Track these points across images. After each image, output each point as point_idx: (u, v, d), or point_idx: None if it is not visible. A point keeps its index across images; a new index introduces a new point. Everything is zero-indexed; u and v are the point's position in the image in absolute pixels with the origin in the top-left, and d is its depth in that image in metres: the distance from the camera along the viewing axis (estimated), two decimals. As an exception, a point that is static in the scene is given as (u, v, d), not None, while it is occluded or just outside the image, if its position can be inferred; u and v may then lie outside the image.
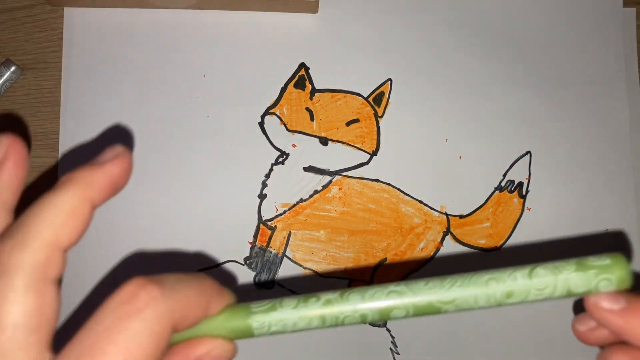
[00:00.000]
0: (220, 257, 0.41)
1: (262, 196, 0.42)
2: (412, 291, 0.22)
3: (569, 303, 0.42)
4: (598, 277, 0.21)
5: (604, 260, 0.22)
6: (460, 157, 0.43)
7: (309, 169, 0.42)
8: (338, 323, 0.22)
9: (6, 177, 0.21)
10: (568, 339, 0.42)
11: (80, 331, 0.18)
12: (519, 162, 0.43)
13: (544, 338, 0.42)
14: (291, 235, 0.41)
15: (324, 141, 0.42)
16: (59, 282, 0.19)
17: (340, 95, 0.42)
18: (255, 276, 0.41)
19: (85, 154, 0.41)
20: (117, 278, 0.40)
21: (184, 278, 0.21)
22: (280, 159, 0.42)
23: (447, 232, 0.42)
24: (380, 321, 0.22)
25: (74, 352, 0.18)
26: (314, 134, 0.42)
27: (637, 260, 0.43)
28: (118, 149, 0.22)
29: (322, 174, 0.42)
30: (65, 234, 0.19)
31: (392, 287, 0.22)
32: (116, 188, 0.22)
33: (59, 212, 0.19)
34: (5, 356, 0.18)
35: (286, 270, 0.41)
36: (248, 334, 0.22)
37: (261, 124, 0.42)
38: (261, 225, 0.41)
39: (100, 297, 0.19)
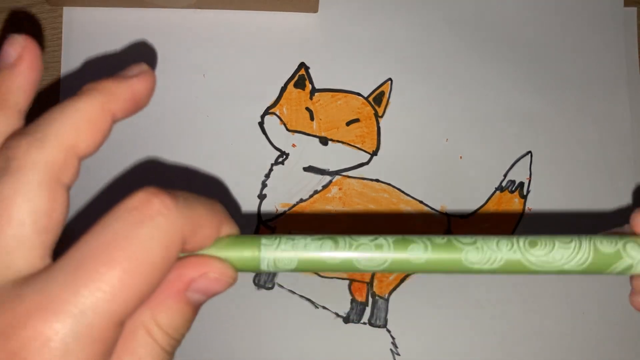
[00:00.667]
0: (219, 257, 0.41)
1: (261, 196, 0.41)
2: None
3: (575, 305, 0.42)
4: None
5: None
6: (461, 157, 0.42)
7: (309, 169, 0.42)
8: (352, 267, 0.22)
9: (21, 79, 0.20)
10: (568, 340, 0.42)
11: (85, 235, 0.18)
12: (519, 162, 0.43)
13: (545, 340, 0.42)
14: (291, 236, 0.41)
15: (324, 141, 0.42)
16: (69, 190, 0.19)
17: (341, 95, 0.42)
18: (255, 277, 0.41)
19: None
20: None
21: (198, 197, 0.20)
22: (280, 159, 0.42)
23: (448, 232, 0.42)
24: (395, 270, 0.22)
25: (78, 255, 0.17)
26: (314, 133, 0.42)
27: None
28: (143, 66, 0.21)
29: (322, 174, 0.42)
30: (83, 141, 0.19)
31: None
32: (138, 105, 0.21)
33: (80, 117, 0.19)
34: (7, 254, 0.17)
35: (286, 270, 0.41)
36: (254, 264, 0.21)
37: (261, 124, 0.42)
38: (261, 225, 0.41)
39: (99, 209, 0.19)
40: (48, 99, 0.42)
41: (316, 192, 0.42)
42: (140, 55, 0.42)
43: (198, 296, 0.20)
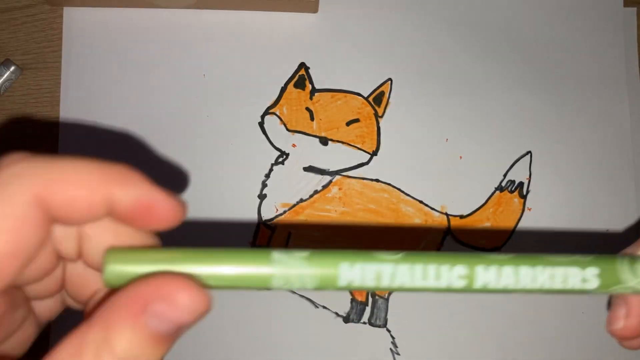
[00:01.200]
0: (220, 257, 0.41)
1: (262, 196, 0.41)
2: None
3: (575, 305, 0.42)
4: None
5: None
6: (461, 157, 0.43)
7: (309, 169, 0.42)
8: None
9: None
10: (568, 339, 0.42)
11: None
12: (519, 162, 0.43)
13: (545, 340, 0.42)
14: (291, 236, 0.41)
15: (324, 141, 0.42)
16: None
17: (341, 95, 0.42)
18: None
19: (85, 154, 0.41)
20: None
21: (74, 157, 0.18)
22: (280, 159, 0.42)
23: (448, 232, 0.42)
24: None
25: None
26: (314, 133, 0.42)
27: None
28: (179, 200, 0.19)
29: (322, 174, 0.42)
30: (55, 196, 0.17)
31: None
32: (146, 219, 0.18)
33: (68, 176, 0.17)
34: None
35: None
36: (265, 281, 0.19)
37: (261, 124, 0.42)
38: (261, 225, 0.41)
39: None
40: (48, 101, 0.42)
41: (316, 192, 0.42)
42: (140, 55, 0.42)
43: (158, 323, 0.16)
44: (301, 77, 0.42)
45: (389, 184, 0.42)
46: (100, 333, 0.16)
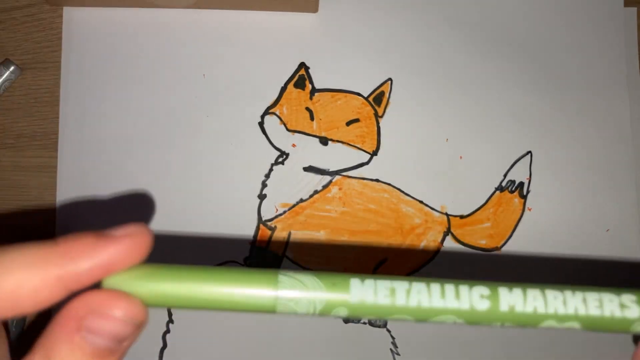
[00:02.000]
0: (219, 257, 0.41)
1: (261, 196, 0.41)
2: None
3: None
4: None
5: None
6: (461, 157, 0.42)
7: (309, 169, 0.42)
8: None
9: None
10: (568, 340, 0.42)
11: None
12: (519, 162, 0.43)
13: (545, 339, 0.42)
14: (291, 236, 0.41)
15: (324, 141, 0.42)
16: None
17: (341, 94, 0.42)
18: None
19: (84, 154, 0.41)
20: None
21: (19, 247, 0.17)
22: (280, 159, 0.42)
23: (448, 232, 0.42)
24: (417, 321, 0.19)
25: None
26: (314, 133, 0.42)
27: None
28: (133, 227, 0.18)
29: (322, 174, 0.42)
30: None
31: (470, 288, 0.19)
32: (108, 271, 0.17)
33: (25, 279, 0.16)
34: None
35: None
36: (270, 305, 0.18)
37: (261, 124, 0.42)
38: (261, 225, 0.41)
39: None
40: (48, 100, 0.42)
41: (316, 192, 0.42)
42: (140, 55, 0.42)
43: (95, 338, 0.16)
44: (301, 77, 0.42)
45: (389, 184, 0.42)
46: (42, 352, 0.16)
